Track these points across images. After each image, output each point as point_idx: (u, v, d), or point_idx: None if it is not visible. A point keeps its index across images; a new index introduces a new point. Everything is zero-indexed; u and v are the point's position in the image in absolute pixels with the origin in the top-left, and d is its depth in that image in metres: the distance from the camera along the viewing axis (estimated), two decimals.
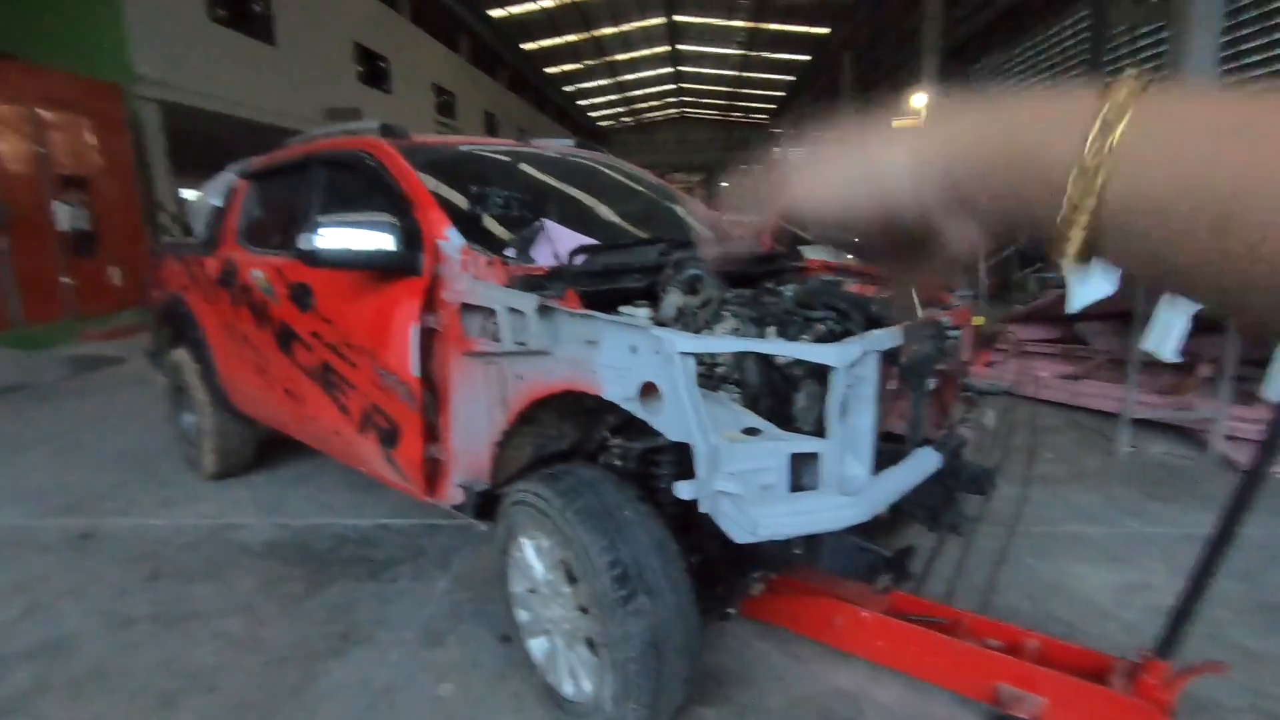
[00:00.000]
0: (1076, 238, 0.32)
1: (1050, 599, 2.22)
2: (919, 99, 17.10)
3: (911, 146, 0.39)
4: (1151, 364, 3.54)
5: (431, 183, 2.12)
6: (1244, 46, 14.09)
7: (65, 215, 7.36)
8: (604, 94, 39.26)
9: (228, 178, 3.13)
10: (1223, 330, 3.28)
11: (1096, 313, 4.37)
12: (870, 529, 1.45)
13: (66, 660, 1.99)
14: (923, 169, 0.39)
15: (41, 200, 7.19)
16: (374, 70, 15.98)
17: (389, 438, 2.01)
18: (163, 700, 1.82)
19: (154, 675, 1.92)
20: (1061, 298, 4.20)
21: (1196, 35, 8.51)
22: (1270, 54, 13.69)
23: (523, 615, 1.77)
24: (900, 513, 1.86)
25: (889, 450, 1.69)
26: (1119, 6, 12.06)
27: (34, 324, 6.98)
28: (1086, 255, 0.33)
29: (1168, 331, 2.57)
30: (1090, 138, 0.31)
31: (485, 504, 1.84)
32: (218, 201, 3.05)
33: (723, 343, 1.42)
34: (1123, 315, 4.03)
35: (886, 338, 1.51)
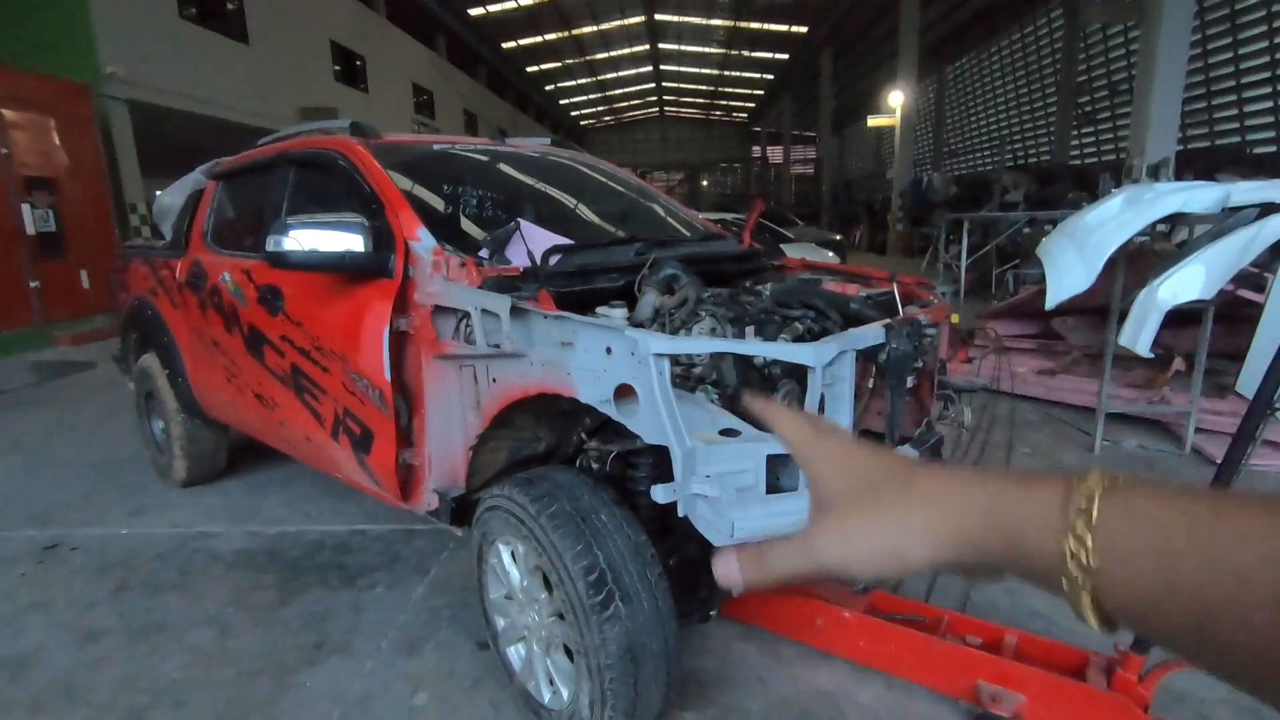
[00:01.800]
0: (1090, 615, 0.32)
1: (1029, 594, 2.23)
2: (896, 97, 17.23)
3: (906, 525, 0.37)
4: (1126, 358, 3.58)
5: (403, 183, 2.09)
6: (1213, 45, 14.35)
7: (32, 217, 7.18)
8: (584, 93, 39.21)
9: (194, 178, 3.06)
10: (1196, 323, 3.32)
11: (1073, 308, 4.42)
12: None
13: (29, 676, 1.92)
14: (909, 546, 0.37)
15: (7, 203, 7.00)
16: (350, 69, 15.80)
17: (362, 443, 1.97)
18: (129, 717, 1.76)
19: (120, 691, 1.86)
20: (1039, 293, 4.24)
21: (1167, 34, 8.64)
22: (1240, 51, 13.96)
23: (500, 622, 1.75)
24: None
25: None
26: (1091, 6, 12.23)
27: (1, 329, 6.81)
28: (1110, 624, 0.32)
29: (1141, 327, 2.60)
30: (1067, 554, 0.31)
31: (460, 509, 1.81)
32: (179, 202, 2.98)
33: (698, 343, 1.40)
34: (1099, 310, 4.08)
35: (864, 336, 1.50)
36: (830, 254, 9.07)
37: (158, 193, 3.38)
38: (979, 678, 1.69)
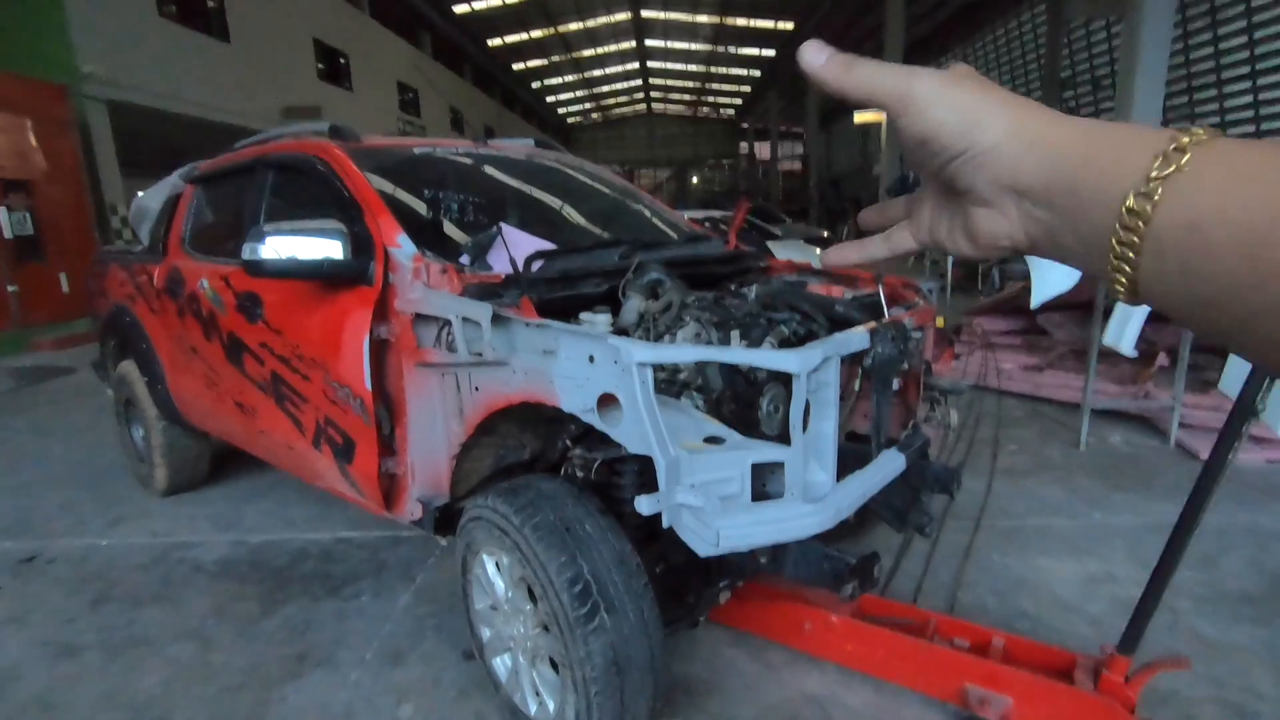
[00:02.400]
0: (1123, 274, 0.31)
1: (1016, 594, 2.23)
2: None
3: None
4: (1111, 354, 3.60)
5: (383, 187, 2.05)
6: (1195, 40, 14.48)
7: (8, 221, 7.06)
8: (571, 90, 39.06)
9: (172, 182, 3.01)
10: None
11: (1059, 304, 4.44)
12: (836, 532, 1.43)
13: (6, 693, 1.88)
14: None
15: None
16: (334, 67, 15.66)
17: (344, 452, 1.94)
18: None
19: (99, 708, 1.83)
20: (1025, 289, 4.25)
21: (1149, 27, 8.70)
22: (1221, 46, 14.10)
23: (485, 632, 1.72)
24: (867, 514, 1.85)
25: (853, 452, 1.67)
26: (1074, 1, 12.31)
27: None
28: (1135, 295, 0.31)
29: (1125, 326, 2.61)
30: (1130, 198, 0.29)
31: (445, 519, 1.79)
32: (156, 206, 2.93)
33: (681, 352, 1.39)
34: (1085, 305, 4.09)
35: (849, 341, 1.49)
36: (818, 251, 9.07)
37: (139, 193, 3.32)
38: (967, 681, 1.69)
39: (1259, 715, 1.70)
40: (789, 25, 24.82)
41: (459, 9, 22.72)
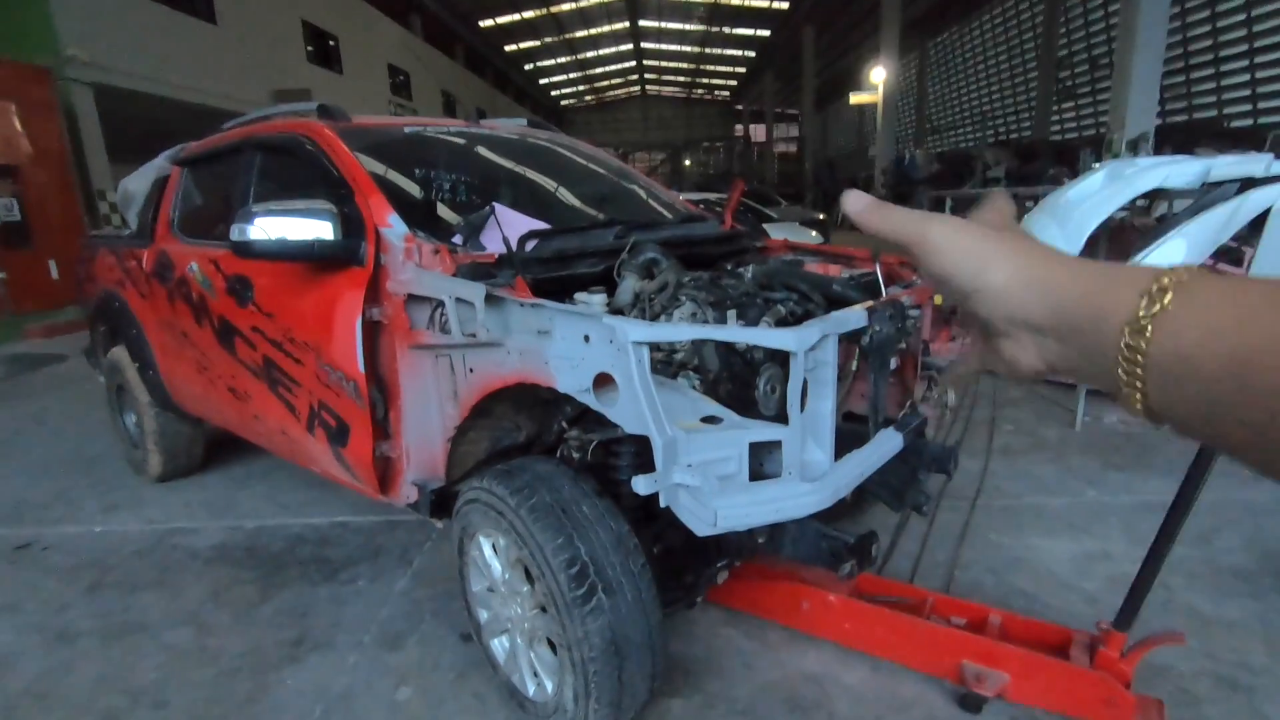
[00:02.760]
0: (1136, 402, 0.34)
1: (1013, 572, 2.24)
2: (878, 73, 17.14)
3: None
4: None
5: (374, 167, 2.02)
6: (1191, 19, 14.38)
7: None
8: (564, 72, 38.66)
9: (158, 164, 2.96)
10: None
11: None
12: (834, 512, 1.43)
13: (1, 680, 1.88)
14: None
15: None
16: (324, 49, 15.45)
17: (338, 436, 1.92)
18: (106, 719, 1.73)
19: (96, 693, 1.82)
20: None
21: (1146, 7, 8.64)
22: (1218, 24, 14.00)
23: (483, 614, 1.72)
24: (864, 493, 1.85)
25: (851, 432, 1.67)
26: None
27: None
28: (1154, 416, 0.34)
29: None
30: (1124, 339, 0.32)
31: (441, 502, 1.78)
32: (143, 190, 2.89)
33: (678, 330, 1.37)
34: None
35: (847, 319, 1.48)
36: (814, 233, 9.04)
37: (122, 180, 3.28)
38: (963, 658, 1.70)
39: (1253, 688, 1.71)
40: (784, 4, 24.56)
41: None
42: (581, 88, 43.48)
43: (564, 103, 45.91)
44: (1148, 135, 8.92)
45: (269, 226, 1.72)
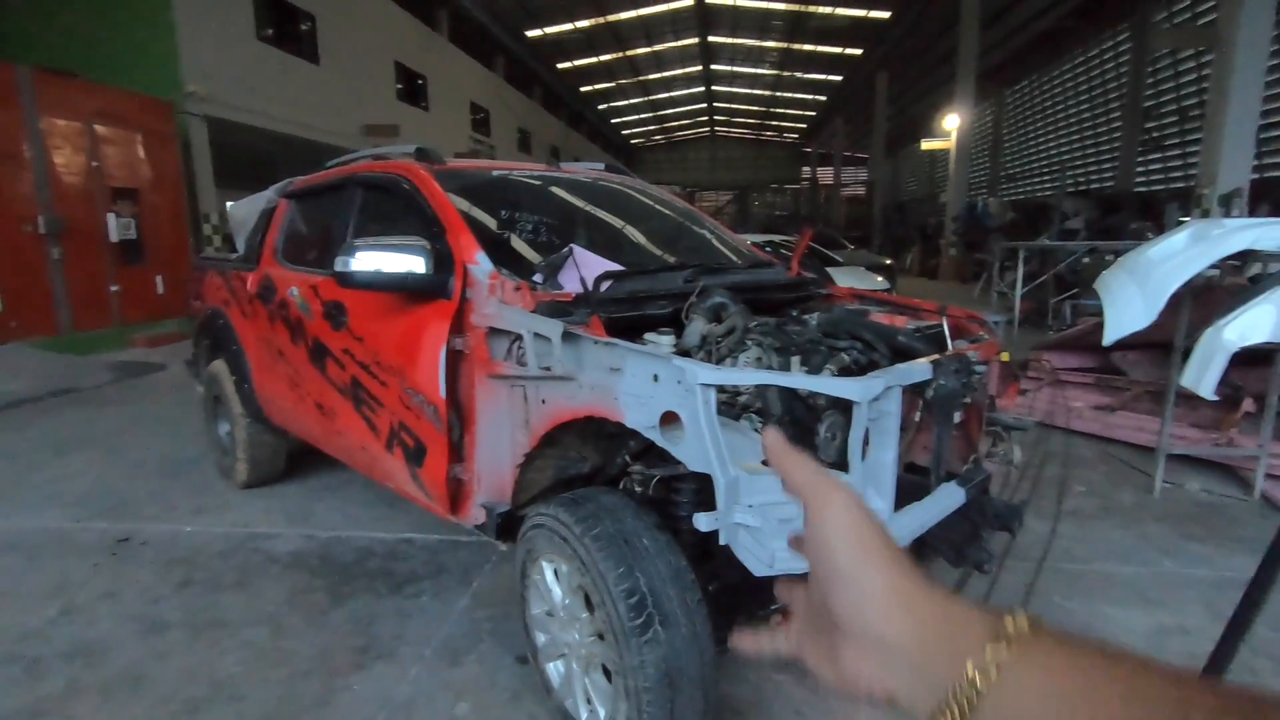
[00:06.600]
0: None
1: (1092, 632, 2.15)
2: (952, 120, 16.95)
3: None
4: (1191, 397, 3.44)
5: (463, 207, 2.18)
6: None
7: (116, 226, 7.66)
8: (636, 112, 39.69)
9: (267, 195, 3.23)
10: (1268, 363, 3.18)
11: (1134, 342, 4.28)
12: None
13: (100, 663, 2.05)
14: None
15: (94, 211, 7.48)
16: (412, 88, 16.40)
17: (415, 456, 2.05)
18: (190, 707, 1.86)
19: (182, 682, 1.96)
20: (1098, 326, 4.11)
21: (1242, 59, 8.32)
22: None
23: (540, 638, 1.78)
24: (924, 548, 1.84)
25: (913, 484, 1.67)
26: (1160, 31, 11.85)
27: (83, 330, 7.25)
28: None
29: (1205, 367, 2.51)
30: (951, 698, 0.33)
31: (506, 525, 1.86)
32: (251, 217, 3.15)
33: (744, 375, 1.43)
34: (1162, 346, 3.93)
35: (911, 372, 1.50)
36: (880, 278, 8.94)
37: (229, 204, 3.58)
38: None
39: None
40: (858, 51, 24.70)
41: (531, 33, 23.51)
42: (652, 127, 44.51)
43: (634, 141, 47.04)
44: (1241, 191, 8.51)
45: (368, 259, 1.88)
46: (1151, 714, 0.28)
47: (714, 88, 35.44)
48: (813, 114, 37.02)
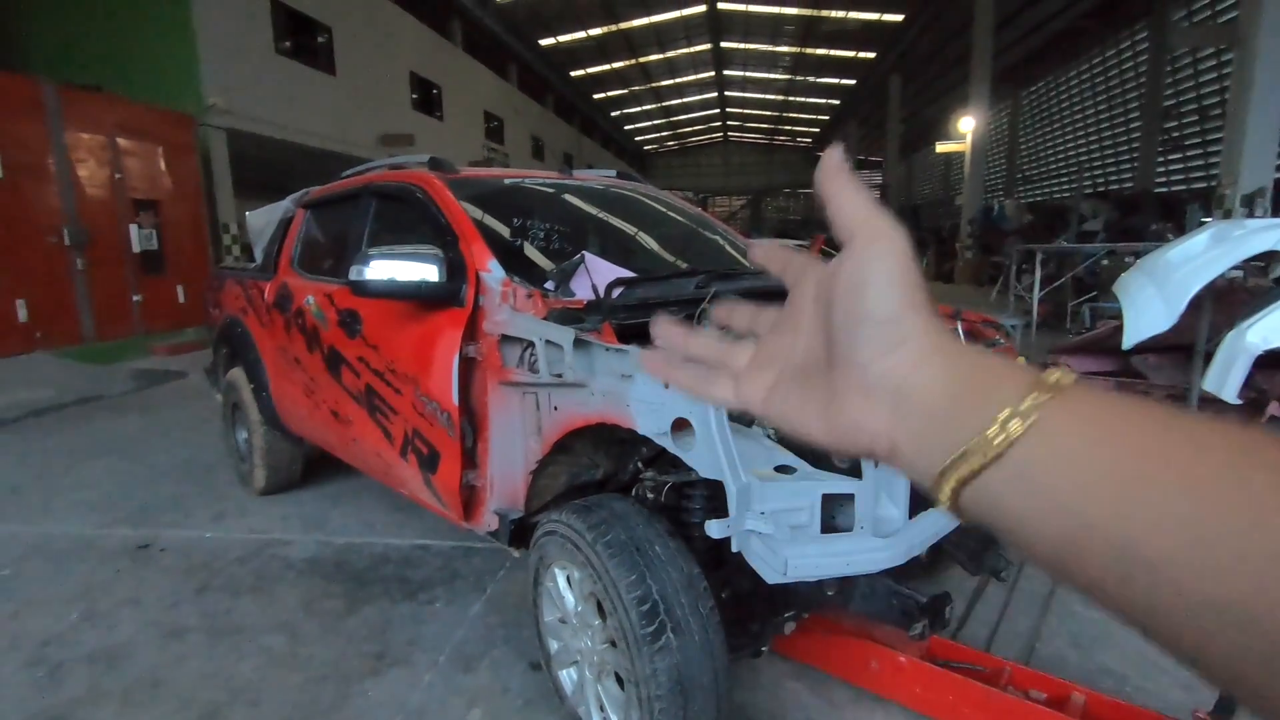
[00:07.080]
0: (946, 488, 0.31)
1: (1100, 649, 2.12)
2: (966, 122, 16.83)
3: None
4: (1214, 400, 3.38)
5: (476, 215, 2.19)
6: None
7: (138, 237, 7.80)
8: (649, 118, 39.82)
9: (284, 205, 3.28)
10: None
11: (1154, 345, 4.21)
12: (908, 571, 1.42)
13: (120, 667, 2.07)
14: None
15: (117, 222, 7.63)
16: (427, 98, 16.56)
17: (429, 463, 2.06)
18: (208, 712, 1.88)
19: (201, 687, 1.98)
20: (1117, 329, 4.06)
21: (1264, 57, 8.19)
22: None
23: (553, 645, 1.79)
24: (940, 554, 1.82)
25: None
26: (1179, 30, 11.70)
27: (106, 339, 7.38)
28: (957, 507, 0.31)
29: (1228, 371, 2.46)
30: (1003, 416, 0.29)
31: (519, 532, 1.87)
32: (269, 226, 3.20)
33: None
34: (1183, 349, 3.87)
35: None
36: None
37: (247, 213, 3.64)
38: None
39: None
40: (870, 55, 24.62)
41: (544, 42, 23.70)
42: (665, 133, 44.63)
43: (647, 147, 47.18)
44: (1265, 190, 8.37)
45: (382, 268, 1.90)
46: (1213, 460, 0.25)
47: (727, 93, 35.48)
48: (826, 118, 36.94)
